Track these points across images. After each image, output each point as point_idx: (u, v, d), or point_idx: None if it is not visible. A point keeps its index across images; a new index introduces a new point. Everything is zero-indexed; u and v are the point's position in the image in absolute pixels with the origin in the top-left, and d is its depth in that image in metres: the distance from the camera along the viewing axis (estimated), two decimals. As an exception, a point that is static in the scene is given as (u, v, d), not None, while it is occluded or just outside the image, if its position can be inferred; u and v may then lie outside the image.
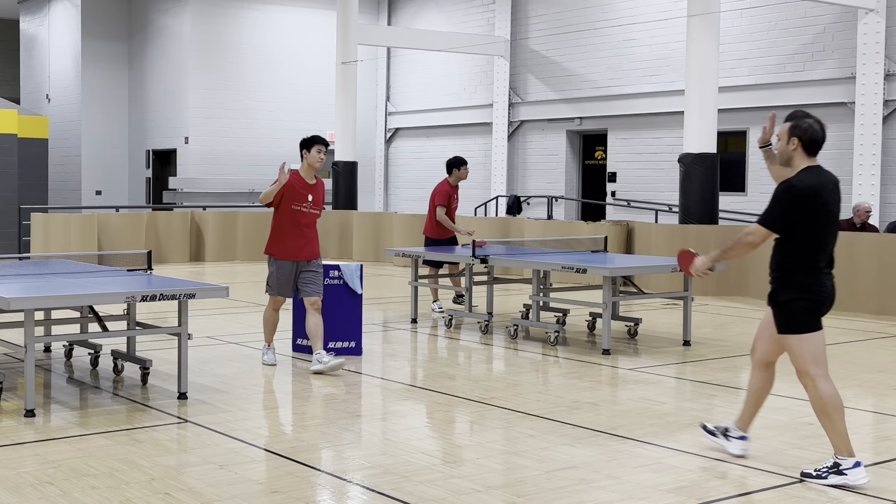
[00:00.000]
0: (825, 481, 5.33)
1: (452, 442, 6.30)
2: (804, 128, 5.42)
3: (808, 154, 5.45)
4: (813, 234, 5.39)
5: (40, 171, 22.51)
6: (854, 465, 5.32)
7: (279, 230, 8.55)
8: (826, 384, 5.42)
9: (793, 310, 5.50)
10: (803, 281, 5.47)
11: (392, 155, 26.20)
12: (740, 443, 5.83)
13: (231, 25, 24.22)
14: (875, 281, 12.34)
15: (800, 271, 5.46)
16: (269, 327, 8.77)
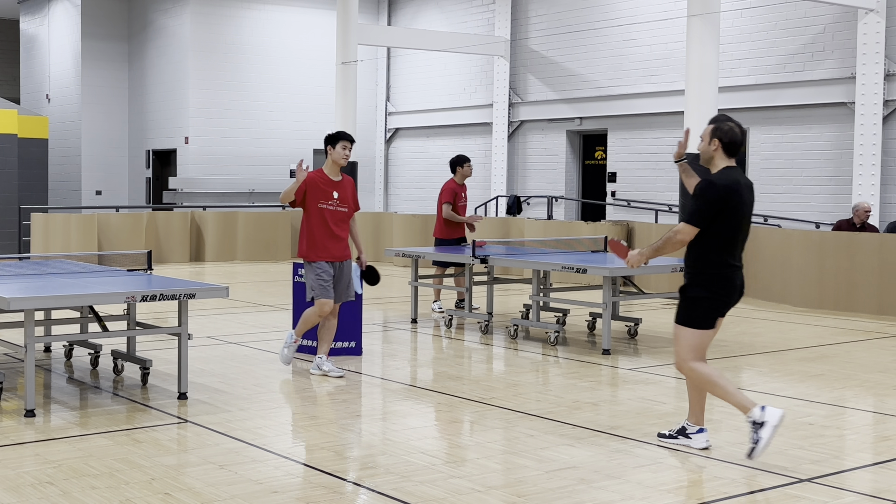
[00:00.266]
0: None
1: (452, 442, 6.30)
2: (725, 130, 5.78)
3: (727, 155, 5.82)
4: (727, 230, 5.74)
5: (40, 171, 22.51)
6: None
7: (309, 231, 8.21)
8: (702, 366, 5.82)
9: (697, 307, 5.81)
10: (714, 278, 5.79)
11: (392, 155, 26.20)
12: (701, 435, 6.01)
13: (231, 25, 24.22)
14: (875, 281, 12.33)
15: (711, 267, 5.79)
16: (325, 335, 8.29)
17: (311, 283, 8.21)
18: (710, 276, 5.79)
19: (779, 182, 17.89)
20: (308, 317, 8.28)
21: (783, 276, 13.39)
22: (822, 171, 17.28)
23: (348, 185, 8.38)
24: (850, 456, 6.08)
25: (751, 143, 18.30)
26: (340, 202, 8.27)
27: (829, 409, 7.23)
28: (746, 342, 10.25)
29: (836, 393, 7.78)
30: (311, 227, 8.19)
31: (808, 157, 17.50)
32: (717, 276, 5.80)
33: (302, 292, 9.25)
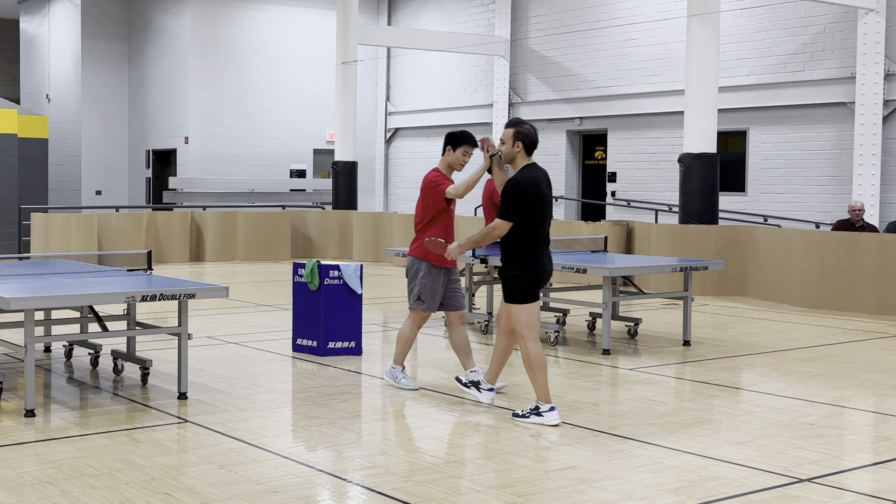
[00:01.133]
0: (528, 420, 6.59)
1: (452, 442, 6.30)
2: (526, 132, 6.65)
3: (527, 154, 6.67)
4: (534, 220, 6.56)
5: (40, 171, 22.52)
6: (550, 409, 6.57)
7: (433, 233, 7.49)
8: (534, 345, 6.60)
9: (516, 284, 6.62)
10: (525, 260, 6.59)
11: (392, 155, 26.20)
12: (489, 393, 7.10)
13: (231, 25, 24.22)
14: (875, 281, 12.33)
15: (523, 252, 6.60)
16: (406, 347, 7.82)
17: (423, 291, 7.54)
18: (522, 257, 6.60)
19: (779, 182, 17.89)
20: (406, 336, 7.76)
21: (783, 276, 13.39)
22: (822, 171, 17.28)
23: None
24: (850, 456, 6.08)
25: (751, 143, 18.31)
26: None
27: (829, 409, 7.23)
28: (746, 342, 10.25)
29: (836, 393, 7.78)
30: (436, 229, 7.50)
31: (808, 157, 17.50)
32: (529, 257, 6.61)
33: (302, 292, 9.26)
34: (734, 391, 7.93)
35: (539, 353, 6.58)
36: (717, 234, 14.28)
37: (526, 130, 6.64)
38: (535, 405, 6.64)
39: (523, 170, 6.59)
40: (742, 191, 18.44)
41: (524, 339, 6.59)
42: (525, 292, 6.61)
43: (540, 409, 6.59)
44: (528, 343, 6.58)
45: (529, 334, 6.58)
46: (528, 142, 6.63)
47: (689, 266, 9.93)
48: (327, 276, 9.08)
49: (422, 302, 7.57)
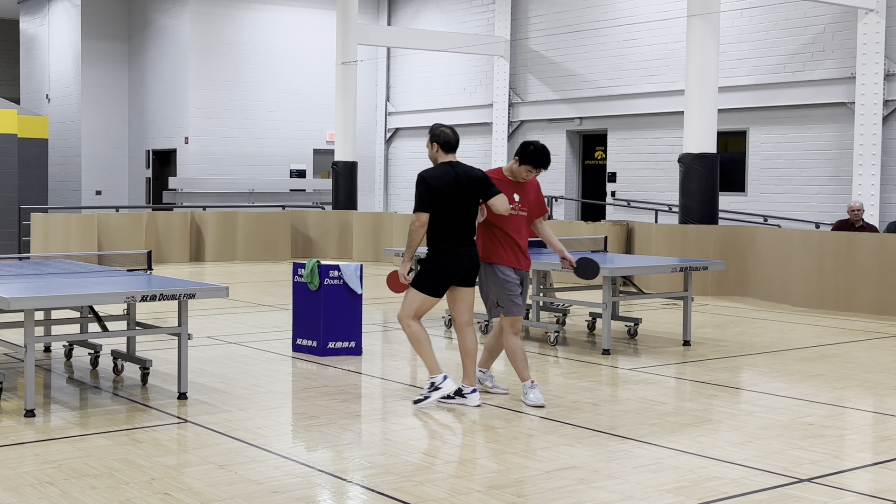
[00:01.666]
0: (430, 400, 6.92)
1: (452, 442, 6.29)
2: (437, 133, 7.00)
3: (444, 152, 7.00)
4: (444, 214, 6.85)
5: (40, 171, 22.52)
6: (444, 379, 6.95)
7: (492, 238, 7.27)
8: (415, 325, 6.99)
9: (427, 273, 6.96)
10: (439, 254, 6.93)
11: (392, 155, 26.20)
12: (475, 395, 7.08)
13: (231, 25, 24.23)
14: (875, 281, 12.33)
15: (437, 245, 6.93)
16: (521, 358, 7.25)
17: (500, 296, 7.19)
18: (436, 252, 6.93)
19: (779, 182, 17.90)
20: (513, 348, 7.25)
21: (783, 276, 13.39)
22: (821, 171, 17.29)
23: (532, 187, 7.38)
24: (850, 456, 6.08)
25: (751, 142, 18.31)
26: (521, 206, 7.26)
27: (829, 409, 7.23)
28: (746, 342, 10.25)
29: (836, 393, 7.78)
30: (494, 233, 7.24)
31: (808, 157, 17.50)
32: (442, 252, 6.92)
33: (302, 292, 9.27)
34: (734, 391, 7.93)
35: (419, 330, 6.98)
36: (717, 234, 14.28)
37: (438, 132, 7.01)
38: (430, 382, 7.00)
39: (435, 166, 6.96)
40: (742, 191, 18.44)
41: (406, 323, 6.98)
42: (432, 284, 6.95)
43: (435, 382, 6.98)
44: (411, 324, 7.00)
45: (412, 317, 6.99)
46: (442, 141, 6.98)
47: (689, 266, 9.94)
48: (327, 276, 9.08)
49: (502, 307, 7.21)
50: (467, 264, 6.96)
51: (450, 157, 7.00)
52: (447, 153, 7.00)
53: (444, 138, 6.99)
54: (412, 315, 6.99)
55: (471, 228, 7.00)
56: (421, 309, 6.98)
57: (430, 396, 7.01)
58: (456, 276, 6.96)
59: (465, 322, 7.13)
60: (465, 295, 7.08)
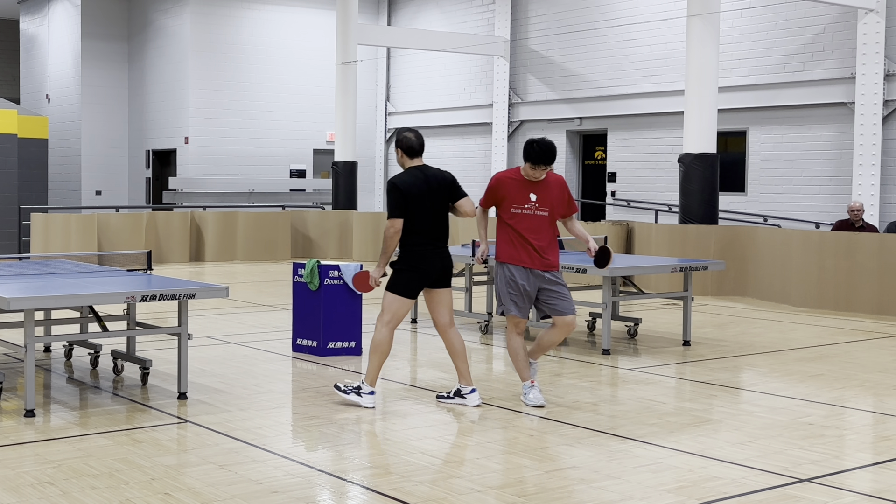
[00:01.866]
0: (346, 396, 7.04)
1: (452, 442, 6.29)
2: (400, 139, 7.12)
3: (409, 157, 7.08)
4: (417, 217, 6.92)
5: (40, 171, 22.52)
6: (370, 393, 7.01)
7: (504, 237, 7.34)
8: (386, 332, 6.99)
9: (400, 277, 6.99)
10: (412, 255, 6.97)
11: (392, 155, 26.20)
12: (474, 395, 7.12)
13: (231, 25, 24.22)
14: (875, 281, 12.33)
15: (410, 247, 6.97)
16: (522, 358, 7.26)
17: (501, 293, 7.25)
18: (409, 254, 6.96)
19: (779, 182, 17.90)
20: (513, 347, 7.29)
21: (783, 276, 13.39)
22: (821, 171, 17.29)
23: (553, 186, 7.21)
24: (850, 456, 6.08)
25: (751, 142, 18.32)
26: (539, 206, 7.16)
27: (829, 409, 7.22)
28: (746, 342, 10.25)
29: (836, 393, 7.78)
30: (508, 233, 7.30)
31: (808, 157, 17.50)
32: (415, 254, 6.96)
33: (302, 292, 9.26)
34: (734, 391, 7.93)
35: (385, 341, 7.00)
36: (717, 234, 14.28)
37: (401, 137, 7.10)
38: (358, 384, 7.09)
39: (404, 171, 7.04)
40: (742, 191, 18.44)
41: (384, 324, 6.98)
42: (405, 286, 6.99)
43: (362, 389, 7.04)
44: (384, 329, 6.98)
45: (390, 323, 6.99)
46: (405, 146, 7.07)
47: (689, 266, 9.93)
48: (327, 276, 9.08)
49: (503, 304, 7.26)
50: (440, 265, 7.03)
51: (416, 161, 7.08)
52: (412, 158, 7.08)
53: (406, 143, 7.07)
54: (390, 319, 6.99)
55: (443, 230, 7.08)
56: (399, 311, 6.99)
57: (348, 393, 7.07)
58: (430, 278, 7.01)
59: (446, 324, 7.16)
60: (443, 296, 7.12)
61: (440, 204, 7.05)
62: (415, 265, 6.96)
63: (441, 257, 7.04)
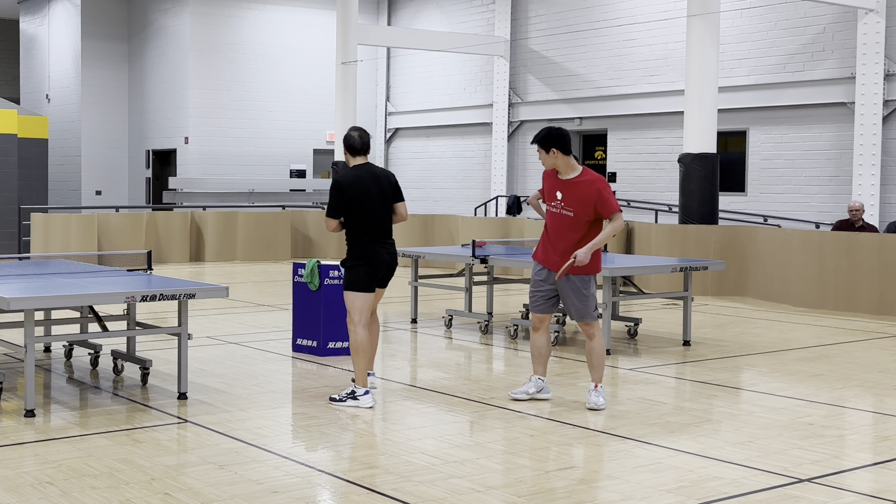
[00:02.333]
0: (344, 404, 7.03)
1: (452, 442, 6.29)
2: (345, 138, 7.26)
3: (352, 155, 7.27)
4: (359, 214, 7.09)
5: (40, 171, 22.52)
6: (364, 393, 7.05)
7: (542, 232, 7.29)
8: (361, 331, 7.12)
9: (352, 274, 7.14)
10: (360, 251, 7.13)
11: (392, 155, 26.20)
12: (367, 396, 7.09)
13: (231, 25, 24.22)
14: (875, 281, 12.33)
15: (357, 245, 7.14)
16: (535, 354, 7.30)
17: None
18: (357, 249, 7.14)
19: (779, 182, 17.90)
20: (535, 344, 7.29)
21: (783, 276, 13.39)
22: (822, 171, 17.29)
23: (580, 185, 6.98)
24: (850, 456, 6.08)
25: (751, 142, 18.32)
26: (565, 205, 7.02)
27: (829, 409, 7.23)
28: (746, 342, 10.25)
29: (836, 393, 7.78)
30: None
31: (808, 157, 17.50)
32: (363, 250, 7.13)
33: (302, 292, 9.26)
34: (734, 391, 7.93)
35: (364, 340, 7.11)
36: (717, 234, 14.28)
37: (346, 135, 7.27)
38: (352, 389, 7.10)
39: (348, 169, 7.22)
40: (742, 191, 18.44)
41: (354, 324, 7.11)
42: (360, 281, 7.13)
43: (356, 392, 7.07)
44: (358, 329, 7.12)
45: (360, 321, 7.12)
46: (348, 145, 7.23)
47: (689, 266, 9.94)
48: (327, 276, 9.08)
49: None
50: (387, 259, 7.20)
51: (359, 159, 7.24)
52: (354, 156, 7.24)
53: (348, 142, 7.24)
54: (358, 317, 7.11)
55: (388, 226, 7.25)
56: (363, 307, 7.12)
57: (345, 401, 7.08)
58: (380, 270, 7.17)
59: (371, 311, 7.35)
60: (377, 293, 7.30)
61: (385, 203, 7.23)
62: (366, 260, 7.11)
63: (388, 252, 7.22)
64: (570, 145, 7.04)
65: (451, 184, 24.33)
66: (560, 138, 6.98)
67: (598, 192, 6.92)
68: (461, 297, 12.13)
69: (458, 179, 24.20)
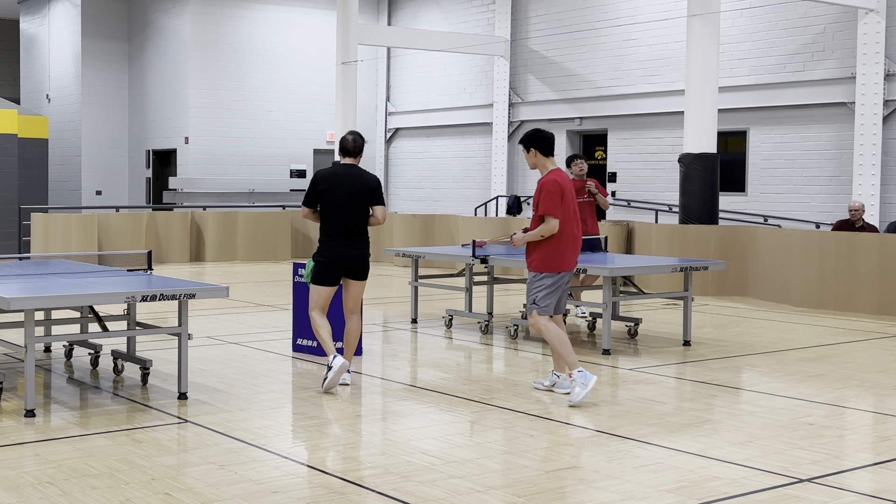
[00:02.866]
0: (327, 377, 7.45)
1: (452, 442, 6.29)
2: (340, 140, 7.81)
3: (342, 155, 7.80)
4: (324, 209, 7.61)
5: (40, 171, 22.52)
6: (333, 358, 7.49)
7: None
8: (315, 316, 7.70)
9: (316, 268, 7.67)
10: (320, 246, 7.68)
11: (392, 155, 26.20)
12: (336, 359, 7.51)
13: (231, 25, 24.23)
14: (875, 281, 12.33)
15: (322, 241, 7.68)
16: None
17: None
18: (321, 245, 7.67)
19: (779, 182, 17.90)
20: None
21: (783, 276, 13.39)
22: (822, 171, 17.29)
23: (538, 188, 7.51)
24: (850, 456, 6.08)
25: (751, 142, 18.32)
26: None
27: (829, 409, 7.23)
28: (746, 342, 10.25)
29: (836, 393, 7.78)
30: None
31: (808, 157, 17.50)
32: (326, 246, 7.65)
33: (302, 292, 9.25)
34: (734, 391, 7.94)
35: (316, 319, 7.70)
36: (717, 234, 14.28)
37: (341, 139, 7.82)
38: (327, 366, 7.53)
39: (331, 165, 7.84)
40: (742, 191, 18.44)
41: (311, 310, 7.73)
42: (320, 276, 7.66)
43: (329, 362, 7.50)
44: (312, 314, 7.73)
45: (314, 309, 7.72)
46: (340, 145, 7.81)
47: (689, 266, 9.94)
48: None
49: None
50: (347, 256, 7.64)
51: (347, 160, 7.75)
52: (344, 157, 7.77)
53: (341, 143, 7.81)
54: (313, 305, 7.71)
55: (354, 227, 7.62)
56: (318, 299, 7.69)
57: (327, 377, 7.49)
58: (338, 267, 7.66)
59: (349, 310, 7.89)
60: (352, 287, 7.81)
61: (354, 203, 7.60)
62: (323, 255, 7.64)
63: (350, 250, 7.64)
64: (551, 148, 7.47)
65: (451, 184, 24.34)
66: (541, 140, 7.48)
67: (539, 192, 7.44)
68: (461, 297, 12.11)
69: (459, 179, 24.21)
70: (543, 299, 7.38)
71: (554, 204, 7.28)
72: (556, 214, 7.26)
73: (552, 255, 7.36)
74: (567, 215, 7.38)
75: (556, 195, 7.31)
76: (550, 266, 7.37)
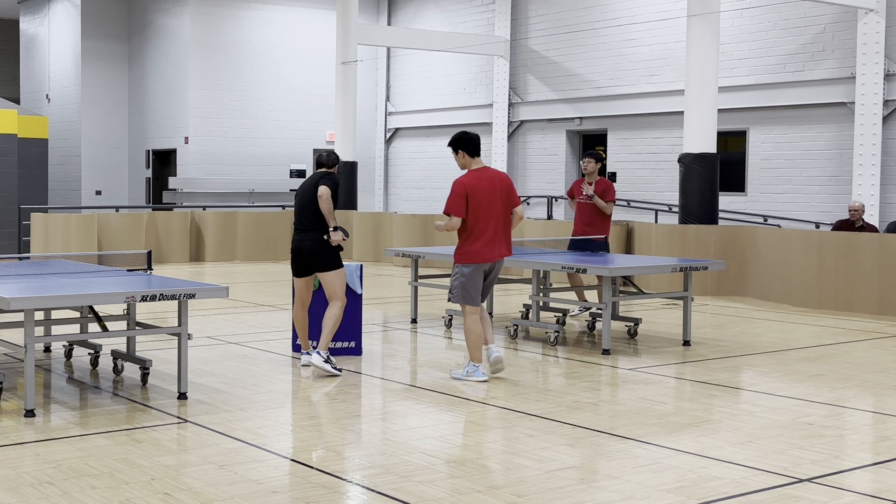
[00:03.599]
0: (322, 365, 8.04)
1: (452, 442, 6.29)
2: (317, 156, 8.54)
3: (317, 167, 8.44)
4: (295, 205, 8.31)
5: (40, 171, 22.51)
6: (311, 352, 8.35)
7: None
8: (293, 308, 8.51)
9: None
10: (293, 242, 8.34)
11: (392, 155, 26.21)
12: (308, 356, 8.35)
13: (231, 25, 24.22)
14: (875, 281, 12.33)
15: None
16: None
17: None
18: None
19: (779, 182, 17.90)
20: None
21: (783, 276, 13.39)
22: (821, 171, 17.29)
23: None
24: (850, 456, 6.08)
25: (751, 143, 18.31)
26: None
27: (829, 409, 7.23)
28: (746, 342, 10.25)
29: (836, 393, 7.78)
30: None
31: (807, 157, 17.50)
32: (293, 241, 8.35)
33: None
34: (734, 391, 7.94)
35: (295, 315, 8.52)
36: (717, 234, 14.28)
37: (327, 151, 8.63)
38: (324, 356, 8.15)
39: None
40: (742, 191, 18.44)
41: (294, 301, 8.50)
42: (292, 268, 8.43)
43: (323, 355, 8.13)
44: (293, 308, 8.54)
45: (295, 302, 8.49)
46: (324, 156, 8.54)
47: (689, 266, 9.94)
48: (327, 276, 9.06)
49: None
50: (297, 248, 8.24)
51: (322, 170, 8.39)
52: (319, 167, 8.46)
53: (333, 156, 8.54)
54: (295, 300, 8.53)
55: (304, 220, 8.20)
56: (296, 290, 8.48)
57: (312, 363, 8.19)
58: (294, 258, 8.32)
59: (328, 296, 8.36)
60: (323, 277, 8.29)
61: (305, 199, 8.23)
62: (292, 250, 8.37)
63: (300, 242, 8.24)
64: (477, 149, 8.53)
65: (451, 184, 24.30)
66: (467, 141, 8.49)
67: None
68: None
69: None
70: (459, 287, 8.10)
71: (454, 203, 8.21)
72: (454, 213, 8.14)
73: (465, 249, 8.13)
74: (480, 213, 8.11)
75: (461, 196, 8.23)
76: (464, 258, 8.13)
